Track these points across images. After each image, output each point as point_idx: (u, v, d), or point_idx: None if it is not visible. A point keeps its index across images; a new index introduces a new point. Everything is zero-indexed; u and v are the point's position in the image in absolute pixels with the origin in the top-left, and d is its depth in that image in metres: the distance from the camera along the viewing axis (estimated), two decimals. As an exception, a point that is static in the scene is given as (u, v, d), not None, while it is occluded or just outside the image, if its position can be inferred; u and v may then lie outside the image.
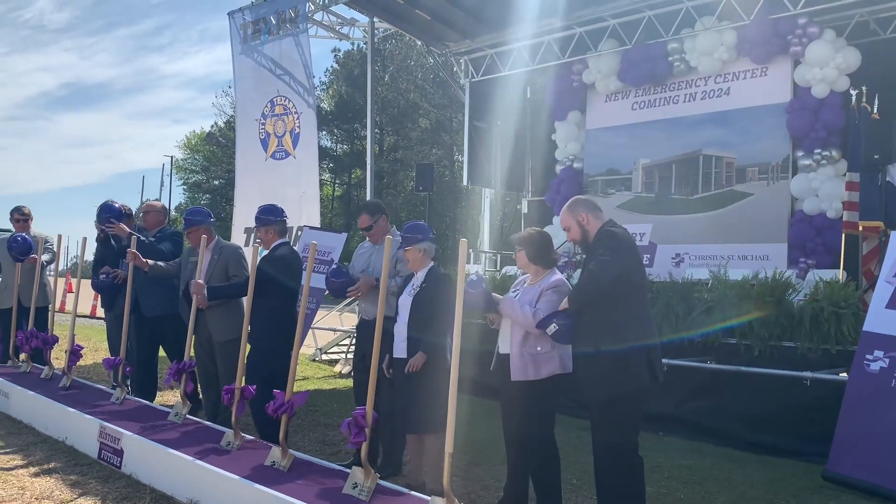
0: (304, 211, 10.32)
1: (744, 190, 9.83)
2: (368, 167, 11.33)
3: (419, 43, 16.55)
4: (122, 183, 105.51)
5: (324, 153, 43.66)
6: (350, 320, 11.43)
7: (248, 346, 4.90)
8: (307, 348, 11.88)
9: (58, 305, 17.40)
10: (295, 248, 10.05)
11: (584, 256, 4.05)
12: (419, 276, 4.55)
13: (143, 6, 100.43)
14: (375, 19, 11.40)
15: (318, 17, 11.46)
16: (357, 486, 3.74)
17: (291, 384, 4.23)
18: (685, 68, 10.27)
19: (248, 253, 5.71)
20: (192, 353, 5.44)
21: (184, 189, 51.66)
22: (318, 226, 10.22)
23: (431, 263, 4.59)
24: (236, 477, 3.90)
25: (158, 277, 6.21)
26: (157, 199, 7.01)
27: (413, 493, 3.75)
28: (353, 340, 10.52)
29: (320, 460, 4.35)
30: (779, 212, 9.45)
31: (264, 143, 11.01)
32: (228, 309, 5.47)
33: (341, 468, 4.13)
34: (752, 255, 9.57)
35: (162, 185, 50.25)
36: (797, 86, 9.38)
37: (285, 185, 10.58)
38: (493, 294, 4.25)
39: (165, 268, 6.14)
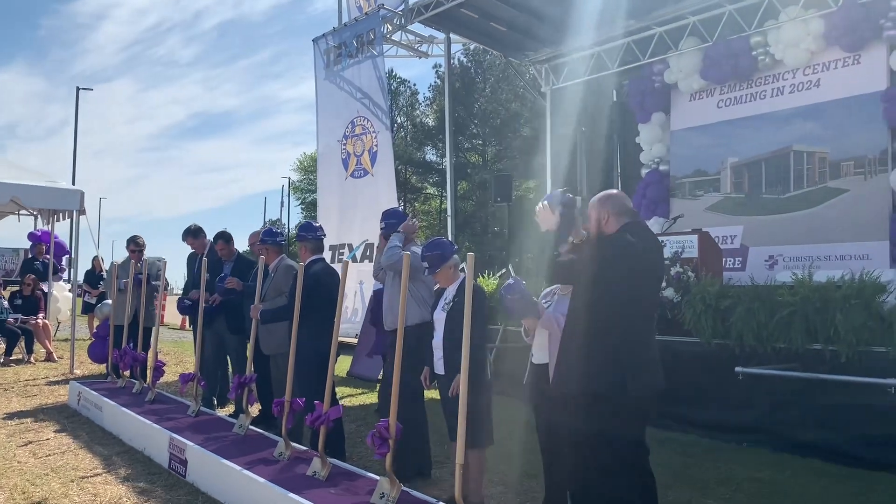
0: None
1: (839, 186, 9.26)
2: (448, 186, 11.48)
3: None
4: (246, 205, 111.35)
5: (429, 167, 44.48)
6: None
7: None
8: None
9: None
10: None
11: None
12: (451, 290, 4.55)
13: (261, 37, 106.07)
14: (452, 35, 11.56)
15: (396, 37, 11.75)
16: (384, 496, 3.84)
17: (328, 397, 4.38)
18: (771, 62, 9.81)
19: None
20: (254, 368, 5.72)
21: (301, 208, 53.81)
22: (399, 240, 10.42)
23: (462, 276, 4.61)
24: (271, 485, 4.09)
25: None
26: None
27: (424, 497, 3.81)
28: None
29: (360, 470, 4.46)
30: (878, 208, 8.85)
31: (345, 163, 11.38)
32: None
33: (377, 478, 4.20)
34: (851, 254, 9.01)
35: (282, 205, 52.50)
36: (894, 73, 8.77)
37: (364, 202, 10.89)
38: (534, 299, 4.24)
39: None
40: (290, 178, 53.89)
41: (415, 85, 49.99)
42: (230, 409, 7.22)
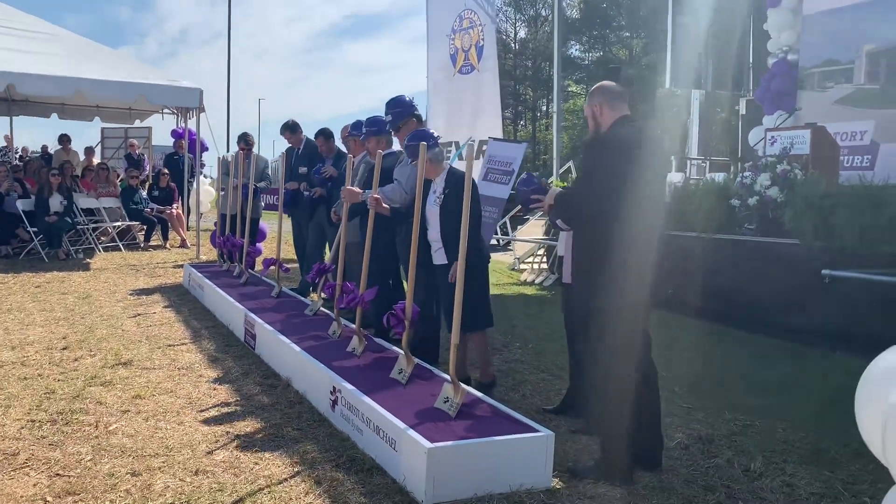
0: (488, 123, 10.55)
1: None
2: (555, 83, 11.15)
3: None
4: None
5: (573, 64, 42.88)
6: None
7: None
8: (508, 257, 12.31)
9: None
10: (479, 160, 10.40)
11: None
12: (438, 183, 4.53)
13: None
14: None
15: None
16: (402, 372, 4.08)
17: (364, 279, 4.62)
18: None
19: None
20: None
21: (443, 108, 54.02)
22: (501, 137, 10.40)
23: (447, 167, 4.61)
24: (306, 355, 4.49)
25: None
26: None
27: (440, 374, 4.01)
28: (545, 250, 10.71)
29: (393, 346, 4.72)
30: None
31: (453, 59, 11.32)
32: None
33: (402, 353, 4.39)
34: None
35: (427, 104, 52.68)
36: None
37: (470, 98, 10.86)
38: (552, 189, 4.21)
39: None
40: (434, 78, 53.98)
41: (562, -25, 47.44)
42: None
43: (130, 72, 10.84)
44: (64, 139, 14.29)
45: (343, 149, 7.45)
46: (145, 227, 12.16)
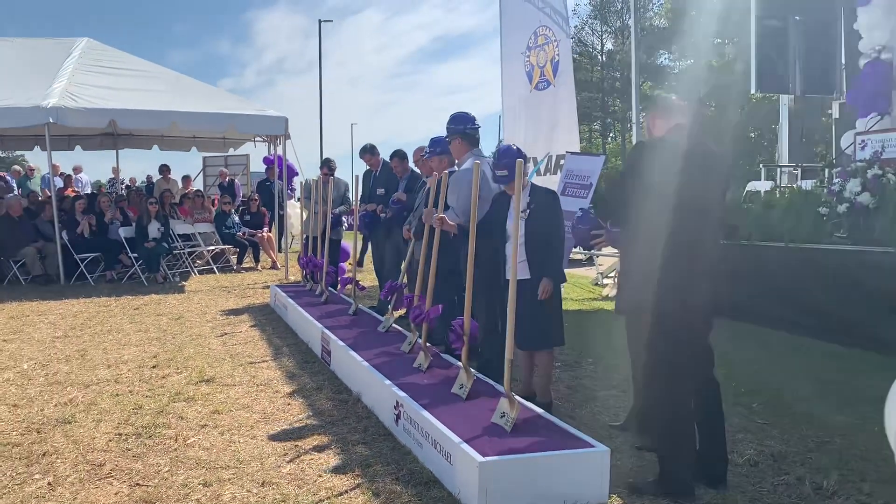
0: (565, 138, 10.54)
1: None
2: (633, 92, 11.01)
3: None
4: (483, 125, 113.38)
5: (663, 73, 42.01)
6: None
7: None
8: (592, 272, 12.18)
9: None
10: (557, 174, 10.39)
11: None
12: (522, 198, 4.53)
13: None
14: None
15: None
16: (462, 387, 4.14)
17: (430, 297, 4.71)
18: None
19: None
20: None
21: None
22: (578, 151, 10.36)
23: (529, 183, 4.61)
24: (372, 370, 4.63)
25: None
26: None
27: (501, 389, 4.00)
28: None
29: (456, 362, 4.77)
30: None
31: (529, 76, 11.36)
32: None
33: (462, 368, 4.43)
34: None
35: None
36: None
37: (547, 114, 10.87)
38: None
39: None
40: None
41: (649, -17, 46.66)
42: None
43: (221, 103, 11.45)
44: (164, 169, 15.15)
45: (416, 170, 7.66)
46: (238, 250, 12.73)
